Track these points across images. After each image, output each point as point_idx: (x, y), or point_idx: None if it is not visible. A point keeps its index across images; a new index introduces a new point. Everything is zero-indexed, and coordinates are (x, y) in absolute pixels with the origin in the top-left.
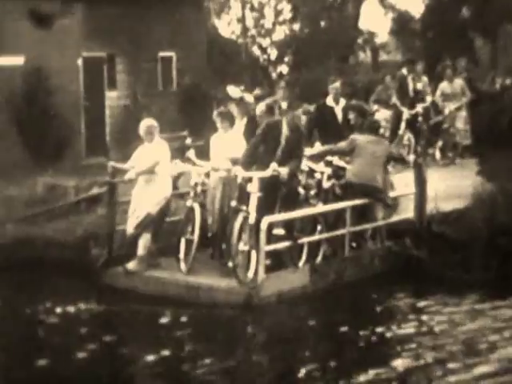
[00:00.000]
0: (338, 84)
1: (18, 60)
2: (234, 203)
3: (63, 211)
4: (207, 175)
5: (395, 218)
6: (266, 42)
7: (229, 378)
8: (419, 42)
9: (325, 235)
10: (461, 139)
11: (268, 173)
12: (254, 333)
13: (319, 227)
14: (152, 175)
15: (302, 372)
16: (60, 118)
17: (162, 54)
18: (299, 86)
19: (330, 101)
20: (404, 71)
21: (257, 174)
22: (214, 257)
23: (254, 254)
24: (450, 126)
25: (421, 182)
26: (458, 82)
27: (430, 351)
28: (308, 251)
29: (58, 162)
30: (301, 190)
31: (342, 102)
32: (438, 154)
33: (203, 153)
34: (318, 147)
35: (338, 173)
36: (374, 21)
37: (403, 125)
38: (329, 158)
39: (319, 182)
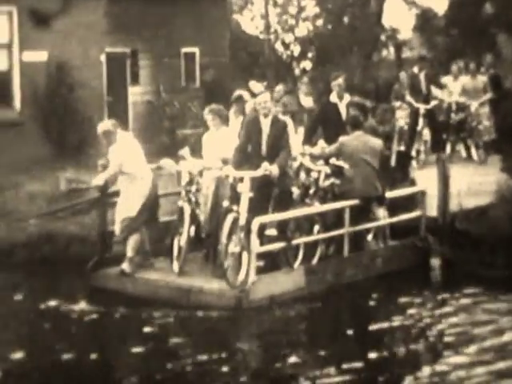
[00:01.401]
0: (341, 80)
1: (41, 56)
2: (226, 203)
3: (86, 207)
4: (200, 174)
5: (404, 216)
6: (289, 38)
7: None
8: (442, 39)
9: (321, 236)
10: (486, 135)
11: (259, 172)
12: (243, 337)
13: (316, 227)
14: (128, 176)
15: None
16: (83, 114)
17: (185, 49)
18: (322, 81)
19: (333, 97)
20: (415, 69)
21: (248, 174)
22: (207, 258)
23: (245, 255)
24: (478, 123)
25: (444, 179)
26: (481, 79)
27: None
28: (305, 252)
29: (80, 158)
30: (295, 190)
31: (347, 98)
32: (474, 153)
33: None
34: (321, 145)
35: (336, 171)
36: (398, 17)
37: (421, 121)
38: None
39: (316, 181)
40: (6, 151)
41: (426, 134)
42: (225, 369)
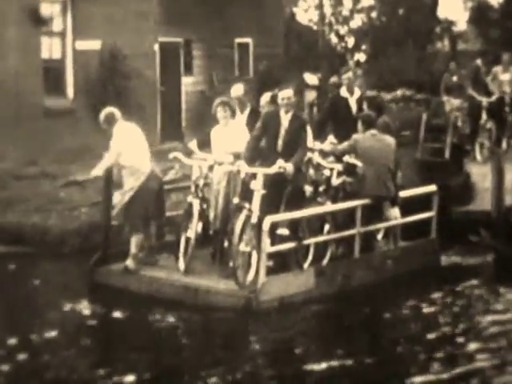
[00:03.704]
0: (350, 73)
1: (95, 44)
2: (236, 200)
3: None
4: (210, 169)
5: (415, 217)
6: (343, 30)
7: None
8: (498, 32)
9: (332, 236)
10: None
11: (273, 169)
12: (253, 341)
13: (327, 226)
14: (129, 168)
15: None
16: (135, 103)
17: (238, 40)
18: (376, 74)
19: (343, 92)
20: (478, 62)
21: (261, 171)
22: (214, 256)
23: (254, 255)
24: None
25: (498, 173)
26: None
27: None
28: (315, 252)
29: None
30: (307, 188)
31: (357, 92)
32: None
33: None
34: (331, 140)
35: (349, 169)
36: (453, 9)
37: (484, 114)
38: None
39: (328, 179)
40: (58, 139)
41: (490, 127)
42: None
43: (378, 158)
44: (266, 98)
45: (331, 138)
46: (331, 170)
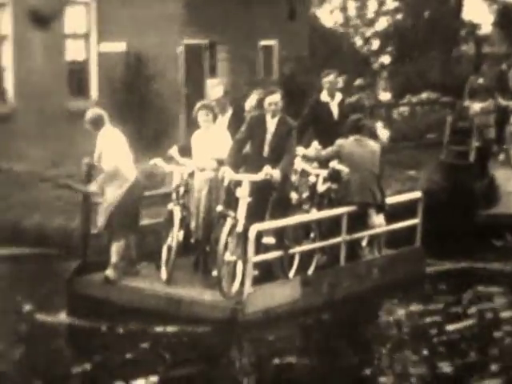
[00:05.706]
0: (332, 77)
1: (119, 47)
2: (220, 208)
3: (161, 199)
4: (191, 175)
5: (400, 224)
6: (368, 32)
7: None
8: None
9: (318, 244)
10: None
11: (260, 176)
12: (239, 353)
13: (312, 234)
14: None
15: None
16: (160, 105)
17: (263, 42)
18: (401, 76)
19: (324, 96)
20: (504, 66)
21: (248, 177)
22: (197, 265)
23: (239, 265)
24: None
25: None
26: None
27: None
28: (300, 260)
29: (156, 150)
30: (293, 195)
31: (338, 96)
32: None
33: None
34: (315, 146)
35: (334, 175)
36: (478, 12)
37: None
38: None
39: (313, 186)
40: (82, 141)
41: None
42: None
43: (362, 164)
44: (251, 101)
45: (315, 144)
46: (317, 176)
